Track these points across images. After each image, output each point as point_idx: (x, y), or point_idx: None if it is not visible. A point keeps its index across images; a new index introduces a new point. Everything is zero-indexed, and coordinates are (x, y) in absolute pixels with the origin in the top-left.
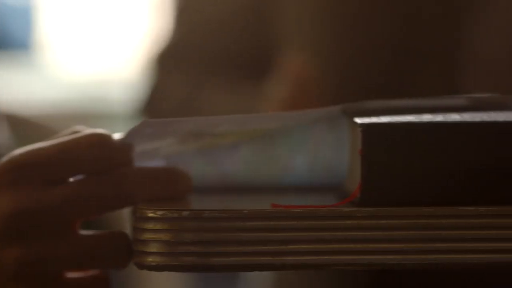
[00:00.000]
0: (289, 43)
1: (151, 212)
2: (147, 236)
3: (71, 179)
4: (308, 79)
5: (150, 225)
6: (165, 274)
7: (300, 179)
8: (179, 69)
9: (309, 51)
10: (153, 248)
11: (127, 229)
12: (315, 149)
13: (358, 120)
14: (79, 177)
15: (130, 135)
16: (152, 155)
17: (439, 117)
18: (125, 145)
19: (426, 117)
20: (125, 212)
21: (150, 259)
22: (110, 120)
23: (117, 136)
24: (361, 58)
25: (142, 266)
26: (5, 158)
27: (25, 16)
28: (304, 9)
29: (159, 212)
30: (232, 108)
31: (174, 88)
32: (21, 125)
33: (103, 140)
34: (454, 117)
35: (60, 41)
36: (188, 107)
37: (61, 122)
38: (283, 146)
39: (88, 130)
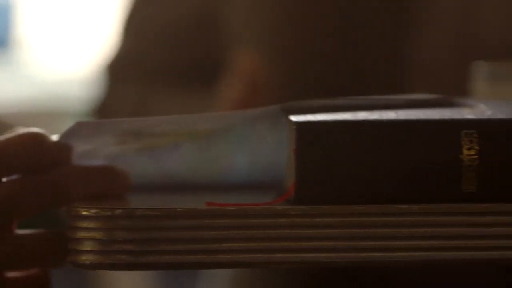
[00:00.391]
0: (239, 45)
1: (85, 211)
2: (81, 234)
3: (5, 179)
4: (259, 78)
5: (84, 224)
6: (128, 273)
7: (241, 177)
8: (130, 76)
9: (259, 51)
10: (87, 246)
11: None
12: (256, 148)
13: (293, 118)
14: (15, 176)
15: (65, 136)
16: (92, 155)
17: (374, 115)
18: (61, 145)
19: (361, 115)
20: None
21: (84, 257)
22: (78, 118)
23: (54, 136)
24: (311, 57)
25: (76, 265)
26: None
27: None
28: (253, 10)
29: (93, 211)
30: (184, 112)
31: (126, 95)
32: None
33: (37, 139)
34: (390, 115)
35: (34, 39)
36: (140, 113)
37: (28, 120)
38: (224, 144)
39: (22, 130)
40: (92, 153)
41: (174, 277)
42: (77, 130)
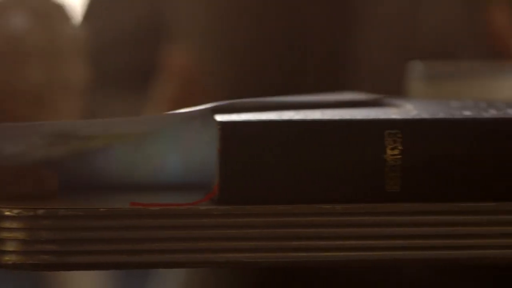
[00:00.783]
0: (175, 44)
1: (8, 211)
2: (4, 235)
3: None
4: (192, 76)
5: (7, 224)
6: (84, 273)
7: (174, 177)
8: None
9: (199, 50)
10: (10, 247)
11: None
12: (188, 148)
13: (218, 118)
14: None
15: None
16: (20, 157)
17: (300, 115)
18: None
19: (288, 115)
20: None
21: (7, 258)
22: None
23: None
24: (255, 57)
25: (0, 265)
26: None
27: None
28: (198, 11)
29: (15, 211)
30: (132, 114)
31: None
32: None
33: None
34: (315, 115)
35: None
36: (93, 114)
37: None
38: (156, 145)
39: None
40: (20, 155)
41: (127, 278)
42: (1, 132)
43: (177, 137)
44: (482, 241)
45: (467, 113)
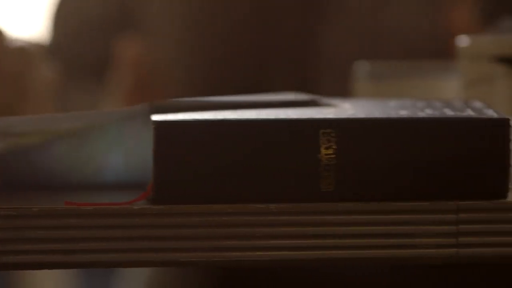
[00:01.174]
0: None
1: None
2: None
3: None
4: (146, 68)
5: None
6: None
7: (116, 176)
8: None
9: (161, 43)
10: None
11: None
12: (130, 147)
13: (154, 117)
14: None
15: None
16: None
17: (235, 115)
18: None
19: (223, 115)
20: None
21: None
22: None
23: None
24: (213, 51)
25: None
26: None
27: None
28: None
29: None
30: (84, 106)
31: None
32: None
33: None
34: (251, 114)
35: None
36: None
37: None
38: (98, 143)
39: None
40: None
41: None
42: None
43: (120, 135)
44: (416, 240)
45: (403, 113)
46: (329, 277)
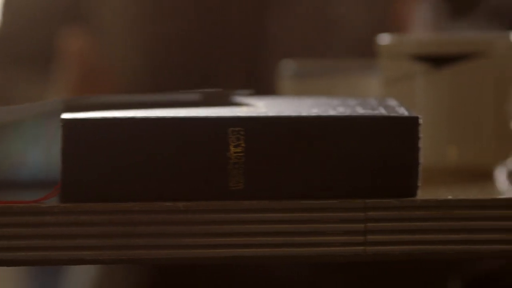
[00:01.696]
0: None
1: None
2: None
3: None
4: (92, 61)
5: None
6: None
7: (36, 174)
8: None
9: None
10: None
11: None
12: (49, 144)
13: (63, 115)
14: None
15: None
16: None
17: (146, 113)
18: None
19: (133, 113)
20: None
21: None
22: None
23: None
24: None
25: None
26: None
27: None
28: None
29: None
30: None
31: None
32: None
33: None
34: (161, 112)
35: None
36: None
37: None
38: (15, 140)
39: None
40: None
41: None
42: None
43: (37, 132)
44: (325, 238)
45: (314, 111)
46: (239, 275)
